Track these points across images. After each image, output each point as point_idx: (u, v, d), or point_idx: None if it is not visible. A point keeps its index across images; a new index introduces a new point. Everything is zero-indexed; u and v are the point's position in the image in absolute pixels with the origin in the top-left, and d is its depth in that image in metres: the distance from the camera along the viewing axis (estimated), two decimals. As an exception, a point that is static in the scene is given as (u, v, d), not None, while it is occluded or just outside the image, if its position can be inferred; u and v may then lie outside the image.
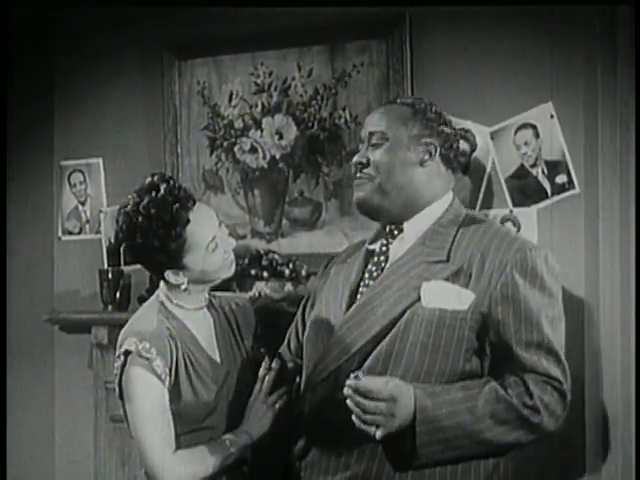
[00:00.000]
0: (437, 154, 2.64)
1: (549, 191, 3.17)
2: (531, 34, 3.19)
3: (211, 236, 2.69)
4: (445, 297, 2.50)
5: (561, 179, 3.15)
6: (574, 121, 3.14)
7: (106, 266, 3.74)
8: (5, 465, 3.55)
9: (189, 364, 2.70)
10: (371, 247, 2.73)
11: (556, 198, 3.16)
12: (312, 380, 2.58)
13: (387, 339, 2.51)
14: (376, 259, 2.67)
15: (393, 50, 3.33)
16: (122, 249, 2.98)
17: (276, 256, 3.43)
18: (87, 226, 3.86)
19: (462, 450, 2.44)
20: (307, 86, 3.48)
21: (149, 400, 2.64)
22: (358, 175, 2.65)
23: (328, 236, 3.48)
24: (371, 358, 2.51)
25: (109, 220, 3.76)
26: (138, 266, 2.90)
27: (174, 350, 2.68)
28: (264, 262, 3.41)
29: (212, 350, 2.78)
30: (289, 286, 3.38)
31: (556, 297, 2.53)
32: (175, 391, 2.67)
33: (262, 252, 3.45)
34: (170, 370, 2.66)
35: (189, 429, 2.67)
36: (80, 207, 3.87)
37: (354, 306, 2.60)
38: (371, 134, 2.66)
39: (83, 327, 3.74)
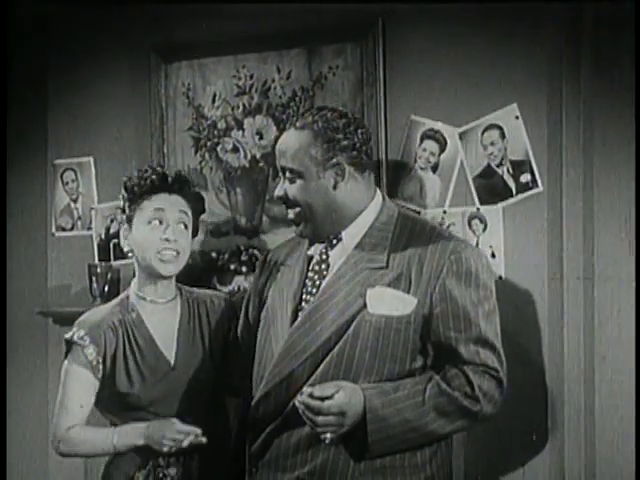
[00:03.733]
0: (347, 172, 2.73)
1: (514, 189, 3.28)
2: (496, 38, 3.30)
3: (156, 213, 2.88)
4: (389, 303, 2.66)
5: (525, 178, 3.26)
6: (538, 122, 3.25)
7: (96, 261, 3.89)
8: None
9: (130, 355, 2.91)
10: (310, 253, 2.86)
11: (521, 196, 3.27)
12: (266, 386, 2.71)
13: (338, 345, 2.66)
14: (317, 267, 2.82)
15: (367, 53, 3.45)
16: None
17: (255, 251, 3.56)
18: (79, 222, 4.00)
19: (410, 442, 2.62)
20: (286, 88, 3.61)
21: (71, 379, 2.92)
22: (287, 211, 2.81)
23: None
24: (323, 364, 2.67)
25: (100, 217, 3.91)
26: (127, 261, 3.06)
27: (113, 341, 2.90)
28: (243, 257, 3.55)
29: (167, 344, 2.96)
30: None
31: (491, 290, 2.71)
32: (110, 378, 2.89)
33: (242, 248, 3.58)
34: (105, 358, 2.87)
35: (128, 412, 2.89)
36: (72, 204, 4.01)
37: (302, 314, 2.74)
38: (283, 169, 2.77)
39: (74, 320, 3.87)
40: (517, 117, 3.26)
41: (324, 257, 2.83)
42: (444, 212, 3.36)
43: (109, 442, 2.85)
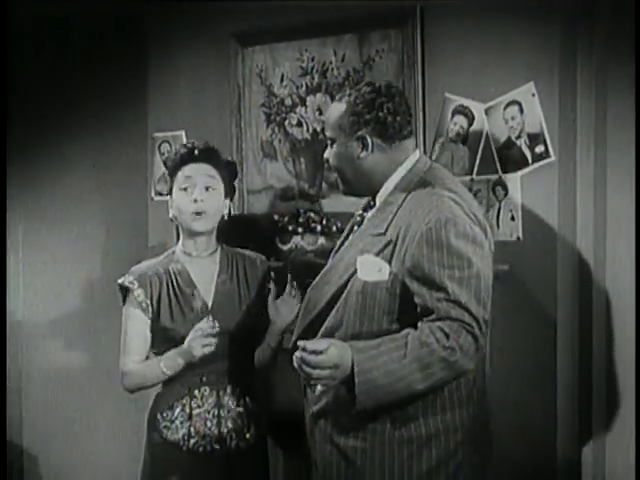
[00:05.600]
0: (373, 143, 2.98)
1: (530, 159, 3.65)
2: (516, 22, 3.66)
3: (186, 181, 3.41)
4: (370, 270, 2.90)
5: (539, 149, 3.63)
6: (551, 98, 3.60)
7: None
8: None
9: (173, 297, 3.45)
10: (356, 214, 3.21)
11: (536, 165, 3.64)
12: (294, 334, 3.10)
13: (338, 304, 2.96)
14: (355, 228, 3.15)
15: (406, 38, 3.85)
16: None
17: (312, 214, 4.03)
18: (174, 188, 4.58)
19: (396, 394, 2.81)
20: (341, 69, 4.05)
21: (129, 319, 3.46)
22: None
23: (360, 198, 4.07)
24: (328, 319, 2.98)
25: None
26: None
27: (157, 285, 3.44)
28: (301, 219, 4.03)
29: (206, 289, 3.48)
30: (322, 240, 4.00)
31: (468, 260, 2.82)
32: (157, 316, 3.42)
33: (301, 211, 4.08)
34: (152, 300, 3.42)
35: (171, 345, 3.40)
36: (168, 172, 4.59)
37: (321, 272, 3.10)
38: (325, 135, 3.12)
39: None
40: (533, 94, 3.62)
41: (359, 219, 3.17)
42: (471, 179, 3.76)
43: (158, 369, 3.38)
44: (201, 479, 3.45)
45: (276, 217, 4.08)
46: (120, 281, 3.50)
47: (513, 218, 3.67)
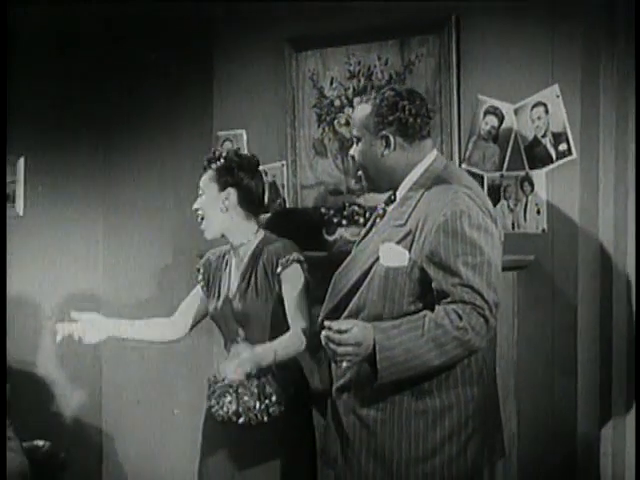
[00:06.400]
0: (395, 142, 3.25)
1: (554, 157, 3.91)
2: (541, 29, 3.93)
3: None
4: (392, 256, 3.17)
5: (563, 147, 3.88)
6: (574, 100, 3.86)
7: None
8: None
9: (213, 284, 3.92)
10: (379, 207, 3.49)
11: (559, 162, 3.90)
12: (321, 317, 3.38)
13: (362, 288, 3.23)
14: (377, 220, 3.43)
15: (442, 44, 4.13)
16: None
17: (356, 207, 4.34)
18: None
19: (414, 370, 3.08)
20: (384, 73, 4.34)
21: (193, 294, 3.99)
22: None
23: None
24: (352, 303, 3.25)
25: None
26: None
27: (209, 268, 3.97)
28: (346, 212, 4.35)
29: (233, 279, 3.88)
30: (364, 231, 4.30)
31: (480, 248, 3.08)
32: (208, 295, 3.91)
33: (346, 204, 4.39)
34: (205, 280, 3.96)
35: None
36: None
37: (347, 258, 3.40)
38: (352, 134, 3.42)
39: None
40: (557, 96, 3.88)
41: (382, 212, 3.45)
42: (501, 175, 4.04)
43: None
44: (221, 446, 3.84)
45: (323, 210, 4.41)
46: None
47: (539, 212, 3.93)
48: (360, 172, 3.42)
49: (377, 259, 3.24)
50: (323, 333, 3.08)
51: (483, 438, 3.28)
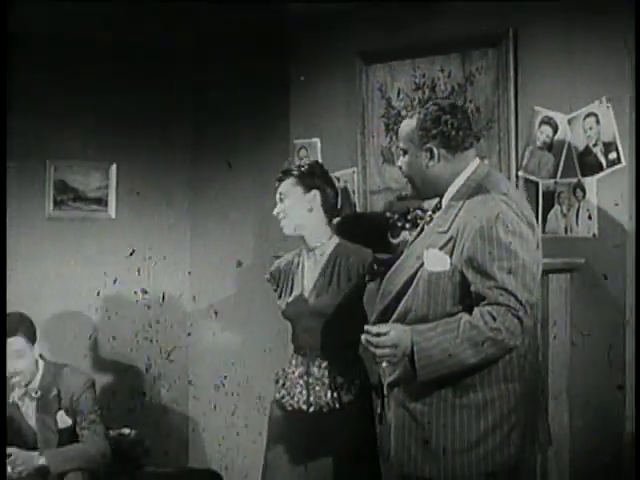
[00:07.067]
0: (438, 154, 3.44)
1: (604, 165, 4.10)
2: (593, 43, 4.12)
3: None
4: (435, 261, 3.36)
5: (612, 155, 4.06)
6: (623, 111, 4.04)
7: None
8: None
9: (285, 285, 4.16)
10: (427, 215, 3.71)
11: (609, 170, 4.08)
12: (373, 316, 3.59)
13: (409, 291, 3.42)
14: (425, 226, 3.63)
15: (500, 57, 4.35)
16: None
17: (419, 211, 4.58)
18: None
19: (451, 368, 3.28)
20: (447, 84, 4.57)
21: None
22: None
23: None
24: (400, 304, 3.43)
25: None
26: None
27: (278, 274, 4.21)
28: (409, 217, 4.59)
29: (309, 280, 4.14)
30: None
31: (515, 253, 3.25)
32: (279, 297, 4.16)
33: (410, 209, 4.63)
34: (277, 285, 4.21)
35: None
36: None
37: (395, 263, 3.61)
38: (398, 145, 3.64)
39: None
40: (608, 107, 4.06)
41: (429, 219, 3.66)
42: (555, 182, 4.23)
43: None
44: (294, 435, 4.09)
45: (388, 214, 4.65)
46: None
47: (590, 217, 4.11)
48: (406, 182, 3.66)
49: (422, 264, 3.45)
50: (363, 336, 3.30)
51: (525, 430, 3.46)
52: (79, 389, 4.71)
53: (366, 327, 3.32)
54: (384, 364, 3.38)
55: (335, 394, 4.03)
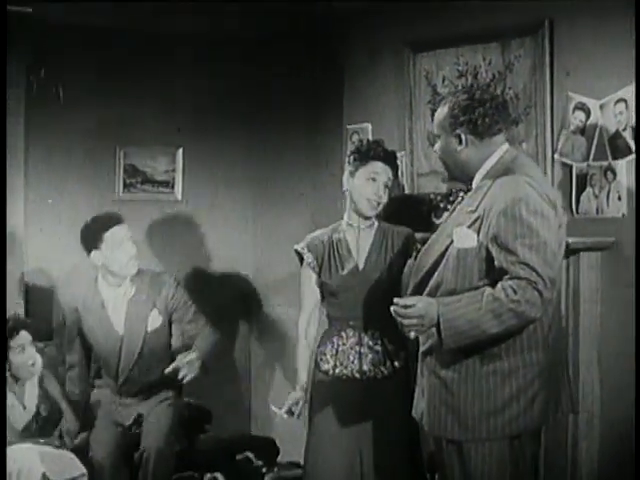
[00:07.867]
0: (467, 140, 3.66)
1: (633, 148, 4.30)
2: (621, 31, 4.30)
3: (373, 174, 4.47)
4: (463, 239, 3.60)
5: (641, 139, 4.28)
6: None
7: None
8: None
9: (332, 259, 4.41)
10: (460, 195, 4.05)
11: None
12: (409, 288, 3.86)
13: (440, 266, 3.65)
14: (458, 206, 3.87)
15: (537, 45, 4.57)
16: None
17: (461, 193, 4.81)
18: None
19: (475, 337, 3.51)
20: (488, 72, 4.80)
21: (303, 278, 4.49)
22: None
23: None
24: (432, 278, 3.67)
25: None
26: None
27: (321, 250, 4.41)
28: (452, 198, 4.84)
29: (361, 254, 4.42)
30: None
31: (536, 232, 3.46)
32: (319, 273, 4.41)
33: (453, 190, 4.88)
34: (317, 260, 4.39)
35: (327, 297, 4.44)
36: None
37: (429, 240, 3.86)
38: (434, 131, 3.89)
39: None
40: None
41: (460, 199, 3.96)
42: (588, 165, 4.44)
43: None
44: (344, 402, 4.37)
45: (432, 196, 4.91)
46: (295, 247, 4.52)
47: (619, 198, 4.32)
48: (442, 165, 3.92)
49: (452, 242, 3.70)
50: (392, 308, 3.53)
51: (548, 397, 3.70)
52: (172, 287, 5.11)
53: (395, 299, 3.58)
54: (412, 334, 3.61)
55: (388, 362, 4.34)
